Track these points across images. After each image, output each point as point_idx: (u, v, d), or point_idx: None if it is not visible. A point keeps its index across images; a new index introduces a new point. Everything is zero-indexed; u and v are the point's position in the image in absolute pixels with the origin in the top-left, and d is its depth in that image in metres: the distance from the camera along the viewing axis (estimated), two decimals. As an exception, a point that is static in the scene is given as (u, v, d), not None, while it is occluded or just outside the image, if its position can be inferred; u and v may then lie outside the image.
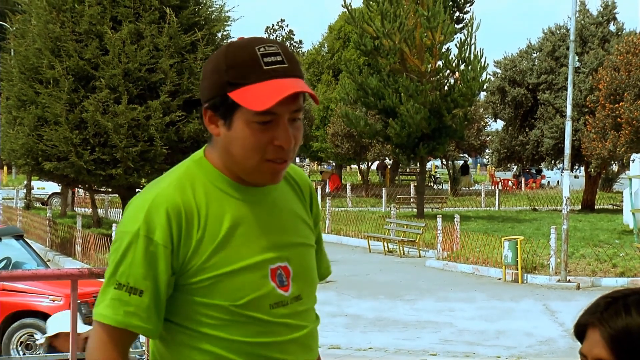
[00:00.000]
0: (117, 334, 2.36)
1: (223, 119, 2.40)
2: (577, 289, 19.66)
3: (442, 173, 63.18)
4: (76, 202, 42.29)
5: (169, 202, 2.38)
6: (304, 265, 2.55)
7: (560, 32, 41.16)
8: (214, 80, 2.41)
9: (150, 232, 2.35)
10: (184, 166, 2.49)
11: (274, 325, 2.45)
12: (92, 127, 24.44)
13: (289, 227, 2.54)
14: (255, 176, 2.43)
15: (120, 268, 2.36)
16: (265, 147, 2.38)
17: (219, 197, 2.44)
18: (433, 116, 33.56)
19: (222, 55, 2.42)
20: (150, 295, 2.36)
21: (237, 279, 2.40)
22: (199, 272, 2.39)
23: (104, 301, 2.37)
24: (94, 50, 24.68)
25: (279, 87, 2.33)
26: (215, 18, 27.23)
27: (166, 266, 2.37)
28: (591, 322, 1.85)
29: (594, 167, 32.51)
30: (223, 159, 2.46)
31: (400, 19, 32.90)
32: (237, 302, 2.40)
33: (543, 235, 24.90)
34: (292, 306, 2.49)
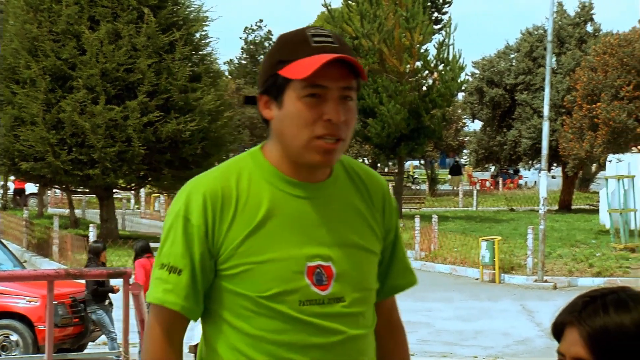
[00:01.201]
0: (161, 312, 2.43)
1: (275, 100, 2.42)
2: (554, 288, 19.74)
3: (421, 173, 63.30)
4: (53, 202, 42.14)
5: (208, 186, 2.43)
6: (352, 269, 2.47)
7: (537, 32, 41.33)
8: (266, 64, 2.45)
9: (188, 213, 2.41)
10: (238, 157, 2.54)
11: (302, 323, 2.40)
12: (69, 127, 24.35)
13: (342, 228, 2.49)
14: (307, 156, 2.40)
15: (164, 248, 2.44)
16: (314, 122, 2.38)
17: (263, 188, 2.44)
18: (412, 116, 33.63)
19: (276, 41, 2.49)
20: (188, 274, 2.40)
21: (266, 269, 2.39)
22: (231, 258, 2.40)
23: (151, 281, 2.46)
24: (71, 50, 24.59)
25: (323, 57, 2.35)
26: (194, 18, 27.20)
27: (201, 247, 2.41)
28: (569, 321, 1.85)
29: (571, 167, 32.68)
30: (277, 146, 2.46)
31: (379, 19, 32.95)
32: (263, 294, 2.38)
33: (520, 236, 24.99)
34: (329, 306, 2.43)
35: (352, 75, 2.43)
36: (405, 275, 2.73)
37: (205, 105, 25.99)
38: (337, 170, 2.53)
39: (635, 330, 1.80)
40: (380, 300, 2.63)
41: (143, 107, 24.61)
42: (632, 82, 25.47)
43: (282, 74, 2.38)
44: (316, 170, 2.47)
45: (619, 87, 25.59)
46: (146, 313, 7.65)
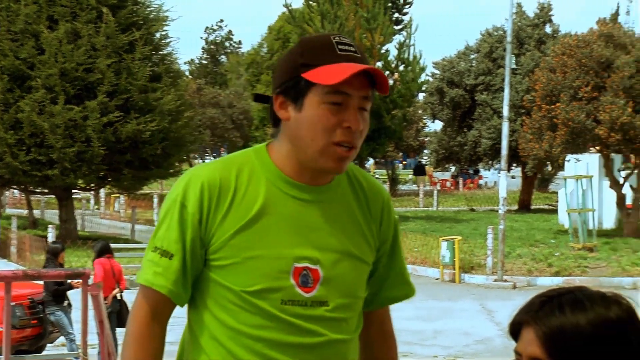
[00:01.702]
0: (150, 294, 2.45)
1: (294, 102, 2.44)
2: (513, 288, 19.87)
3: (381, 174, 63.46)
4: (11, 203, 41.76)
5: (207, 176, 2.46)
6: (341, 274, 2.49)
7: (497, 33, 41.58)
8: (287, 65, 2.47)
9: (185, 200, 2.45)
10: (242, 152, 2.56)
11: (283, 322, 2.42)
12: (27, 127, 24.15)
13: (336, 232, 2.51)
14: (321, 161, 2.43)
15: (159, 232, 2.47)
16: (334, 129, 2.41)
17: (261, 185, 2.47)
18: (372, 117, 33.61)
19: (298, 44, 2.51)
20: (180, 259, 2.44)
21: (254, 265, 2.42)
22: (221, 249, 2.43)
23: (144, 263, 2.49)
24: (29, 50, 24.39)
25: (352, 66, 2.40)
26: (154, 18, 27.09)
27: (193, 234, 2.44)
28: (526, 321, 1.86)
29: (531, 167, 32.92)
30: (286, 147, 2.48)
31: (340, 20, 32.98)
32: (247, 289, 2.41)
33: (480, 235, 25.13)
34: (312, 309, 2.45)
35: (370, 87, 2.49)
36: (401, 287, 2.77)
37: (166, 106, 25.88)
38: (339, 176, 2.54)
39: (591, 330, 1.81)
40: (373, 310, 2.68)
41: (103, 107, 24.46)
42: (590, 82, 25.70)
43: (306, 77, 2.41)
44: (322, 175, 2.50)
45: (577, 87, 25.81)
46: (105, 314, 7.59)
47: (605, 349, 1.81)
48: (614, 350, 1.82)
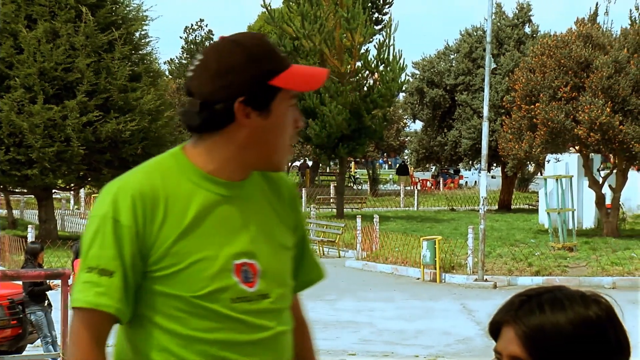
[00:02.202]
0: (90, 316, 2.36)
1: (259, 110, 2.43)
2: (493, 288, 19.92)
3: (362, 173, 63.51)
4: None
5: (134, 186, 2.41)
6: (274, 265, 2.53)
7: (477, 33, 41.69)
8: (246, 74, 2.42)
9: (116, 214, 2.38)
10: (158, 157, 2.52)
11: (233, 321, 2.43)
12: (6, 127, 24.03)
13: (262, 225, 2.54)
14: (277, 162, 2.51)
15: (90, 252, 2.39)
16: (292, 129, 2.51)
17: (188, 187, 2.46)
18: (353, 117, 33.72)
19: (246, 50, 2.43)
20: (121, 276, 2.37)
21: (198, 269, 2.40)
22: (163, 259, 2.40)
23: (77, 286, 2.39)
24: (8, 49, 24.27)
25: (310, 69, 2.47)
26: (133, 17, 27.01)
27: (132, 248, 2.38)
28: (506, 320, 1.87)
29: (511, 167, 33.01)
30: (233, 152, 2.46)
31: (320, 20, 32.99)
32: (197, 293, 2.40)
33: (461, 235, 25.18)
34: (257, 303, 2.47)
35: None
36: (315, 269, 2.80)
37: (146, 105, 25.81)
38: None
39: (571, 330, 1.81)
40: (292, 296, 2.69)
41: (82, 107, 24.37)
42: (570, 83, 25.80)
43: (278, 84, 2.43)
44: (248, 172, 2.52)
45: (556, 87, 25.90)
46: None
47: (585, 348, 1.82)
48: (593, 349, 1.83)
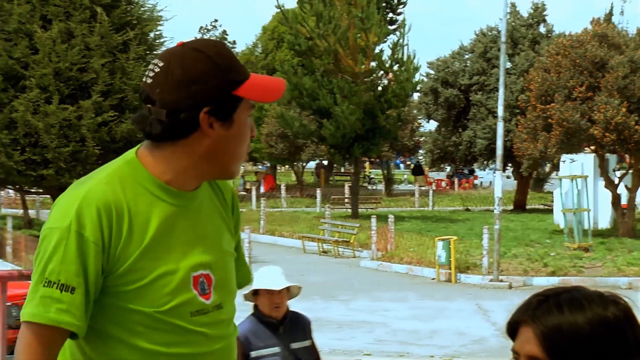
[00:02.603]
0: (47, 333, 2.29)
1: (223, 120, 2.40)
2: (509, 288, 19.87)
3: (377, 174, 63.47)
4: (6, 203, 41.70)
5: (99, 199, 2.33)
6: (225, 274, 2.53)
7: (491, 33, 41.62)
8: (212, 84, 2.38)
9: (81, 228, 2.30)
10: (114, 165, 2.45)
11: (194, 334, 2.41)
12: (22, 127, 24.10)
13: (213, 234, 2.52)
14: (234, 171, 2.49)
15: (49, 265, 2.29)
16: (248, 138, 2.51)
17: (147, 199, 2.40)
18: (367, 117, 33.70)
19: (210, 59, 2.39)
20: (82, 292, 2.30)
21: (160, 284, 2.37)
22: (126, 274, 2.35)
23: (33, 300, 2.30)
24: (23, 49, 24.34)
25: (269, 79, 2.47)
26: (148, 17, 27.04)
27: (96, 263, 2.31)
28: (523, 320, 1.86)
29: (526, 167, 32.92)
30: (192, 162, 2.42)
31: (334, 20, 32.99)
32: (160, 309, 2.36)
33: (476, 235, 25.13)
34: (213, 315, 2.46)
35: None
36: (245, 272, 2.78)
37: (161, 105, 25.83)
38: None
39: (589, 330, 1.81)
40: None
41: (97, 107, 24.42)
42: (585, 82, 25.72)
43: (241, 94, 2.40)
44: (201, 181, 2.50)
45: (571, 87, 25.83)
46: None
47: (603, 349, 1.81)
48: (611, 349, 1.82)
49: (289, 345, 5.53)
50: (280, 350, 5.49)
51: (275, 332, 5.50)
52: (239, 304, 2.71)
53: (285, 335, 5.53)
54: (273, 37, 61.82)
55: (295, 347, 5.55)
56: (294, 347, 5.54)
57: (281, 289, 5.50)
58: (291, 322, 5.61)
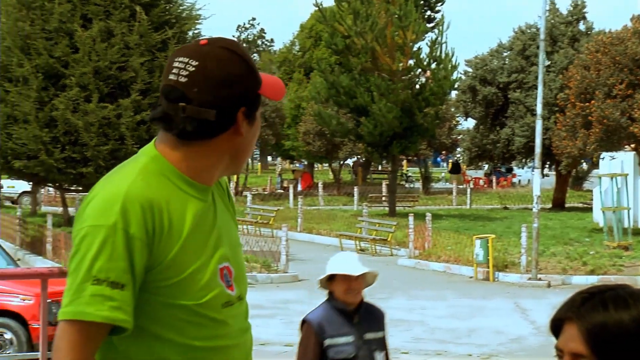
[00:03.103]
0: (95, 331, 2.29)
1: (248, 118, 2.46)
2: (547, 287, 19.76)
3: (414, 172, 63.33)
4: (46, 200, 42.09)
5: (142, 196, 2.35)
6: (241, 265, 2.56)
7: (530, 31, 41.37)
8: (247, 84, 2.43)
9: (127, 226, 2.30)
10: (141, 162, 2.45)
11: (225, 326, 2.44)
12: (62, 125, 24.31)
13: (228, 226, 2.56)
14: (243, 165, 2.57)
15: (96, 264, 2.28)
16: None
17: (179, 195, 2.43)
18: (405, 115, 33.63)
19: (244, 60, 2.44)
20: (131, 289, 2.31)
21: (197, 277, 2.38)
22: (167, 270, 2.36)
23: (81, 298, 2.27)
24: (63, 48, 24.54)
25: (272, 78, 2.53)
26: (186, 16, 27.17)
27: (142, 260, 2.33)
28: (568, 317, 1.85)
29: (565, 165, 32.71)
30: (219, 159, 2.46)
31: (372, 18, 32.95)
32: (198, 301, 2.38)
33: (514, 234, 25.01)
34: (237, 306, 2.49)
35: None
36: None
37: (199, 104, 25.94)
38: None
39: (634, 327, 1.80)
40: None
41: (136, 105, 24.57)
42: (625, 80, 25.51)
43: (263, 94, 2.47)
44: (222, 177, 2.58)
45: (612, 85, 25.62)
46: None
47: (648, 347, 1.80)
48: (656, 348, 1.81)
49: (363, 335, 5.36)
50: (354, 340, 5.33)
51: (349, 321, 5.34)
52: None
53: (360, 325, 5.38)
54: (311, 35, 61.89)
55: (369, 337, 5.39)
56: (368, 338, 5.38)
57: (359, 274, 5.31)
58: (366, 312, 5.46)
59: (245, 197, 39.01)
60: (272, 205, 36.05)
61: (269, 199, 44.33)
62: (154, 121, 2.45)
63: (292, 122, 54.64)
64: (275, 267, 21.14)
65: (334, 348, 5.27)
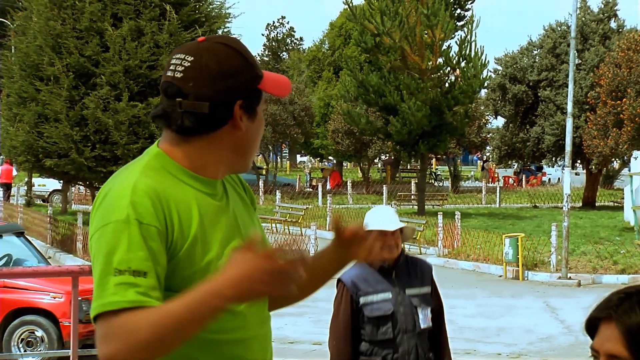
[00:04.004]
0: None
1: (249, 113, 2.46)
2: (577, 286, 19.66)
3: (443, 170, 63.17)
4: (77, 198, 42.33)
5: (149, 189, 2.36)
6: None
7: (561, 29, 41.12)
8: (244, 78, 2.44)
9: (139, 217, 2.31)
10: (144, 160, 2.48)
11: (243, 318, 2.44)
12: (92, 124, 24.44)
13: (245, 218, 2.58)
14: (250, 164, 2.55)
15: (115, 257, 2.27)
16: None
17: (183, 189, 2.44)
18: (434, 113, 33.55)
19: (241, 54, 2.46)
20: (154, 276, 2.28)
21: (213, 268, 2.38)
22: (181, 262, 2.37)
23: (106, 290, 2.25)
24: (94, 47, 24.66)
25: (276, 75, 2.52)
26: (216, 15, 27.23)
27: (161, 247, 2.32)
28: (605, 317, 1.83)
29: (595, 164, 32.50)
30: (222, 155, 2.48)
31: (400, 16, 32.89)
32: None
33: (544, 233, 24.89)
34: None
35: None
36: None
37: (228, 102, 26.01)
38: None
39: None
40: None
41: (166, 104, 24.68)
42: (657, 78, 25.30)
43: (264, 88, 2.46)
44: (228, 172, 2.57)
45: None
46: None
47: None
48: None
49: (403, 290, 5.12)
50: (392, 296, 5.09)
51: (387, 277, 5.11)
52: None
53: (399, 281, 5.14)
54: (340, 33, 61.86)
55: (411, 293, 5.15)
56: (409, 293, 5.14)
57: (395, 229, 5.14)
58: (407, 267, 5.23)
59: (274, 196, 39.07)
60: (301, 204, 36.07)
61: (298, 197, 44.36)
62: (155, 119, 2.48)
63: (321, 121, 54.66)
64: (304, 265, 21.13)
65: (369, 306, 5.07)
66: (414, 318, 5.15)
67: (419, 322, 5.17)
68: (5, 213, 31.81)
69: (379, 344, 5.10)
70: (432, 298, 5.34)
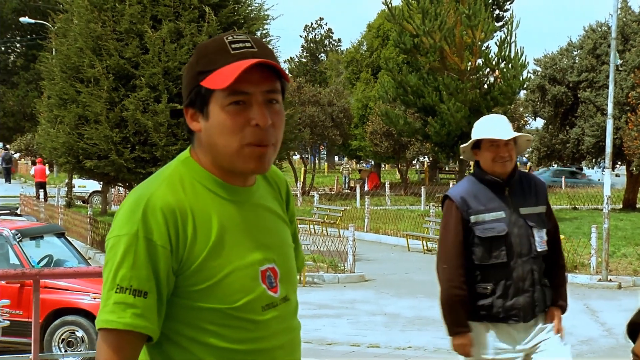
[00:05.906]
0: (125, 339, 2.32)
1: (200, 112, 2.43)
2: (618, 288, 19.49)
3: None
4: (116, 200, 42.62)
5: (163, 202, 2.36)
6: (288, 266, 2.55)
7: (601, 29, 40.80)
8: (188, 76, 2.45)
9: (148, 233, 2.33)
10: (171, 167, 2.48)
11: (265, 328, 2.43)
12: (132, 125, 24.59)
13: (273, 228, 2.54)
14: (240, 164, 2.42)
15: (120, 272, 2.32)
16: (242, 129, 2.39)
17: (207, 197, 2.43)
18: (473, 114, 33.39)
19: (195, 52, 2.48)
20: (155, 296, 2.33)
21: (231, 280, 2.38)
22: (196, 274, 2.37)
23: (107, 307, 2.32)
24: (134, 49, 24.81)
25: (241, 64, 2.36)
26: (255, 17, 27.30)
27: (166, 266, 2.34)
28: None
29: (636, 165, 32.21)
30: (208, 155, 2.46)
31: (440, 17, 32.80)
32: (233, 305, 2.38)
33: (584, 234, 24.70)
34: (282, 307, 2.49)
35: (276, 78, 2.41)
36: (301, 259, 2.78)
37: (267, 104, 26.04)
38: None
39: None
40: None
41: (205, 106, 24.77)
42: (699, 79, 25.05)
43: (204, 84, 2.39)
44: (248, 176, 2.49)
45: (685, 84, 25.18)
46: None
47: None
48: None
49: (517, 209, 4.66)
50: (505, 215, 4.63)
51: (500, 194, 4.67)
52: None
53: (513, 198, 4.68)
54: (378, 34, 61.76)
55: (525, 212, 4.69)
56: (523, 213, 4.69)
57: (509, 139, 4.64)
58: (521, 183, 4.74)
59: (312, 197, 39.10)
60: (338, 205, 36.08)
61: (336, 199, 44.36)
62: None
63: (359, 122, 54.60)
64: (342, 267, 21.15)
65: (481, 225, 4.64)
66: (530, 240, 4.72)
67: (535, 245, 4.75)
68: (46, 214, 32.12)
69: (490, 268, 4.70)
70: (547, 219, 4.86)
